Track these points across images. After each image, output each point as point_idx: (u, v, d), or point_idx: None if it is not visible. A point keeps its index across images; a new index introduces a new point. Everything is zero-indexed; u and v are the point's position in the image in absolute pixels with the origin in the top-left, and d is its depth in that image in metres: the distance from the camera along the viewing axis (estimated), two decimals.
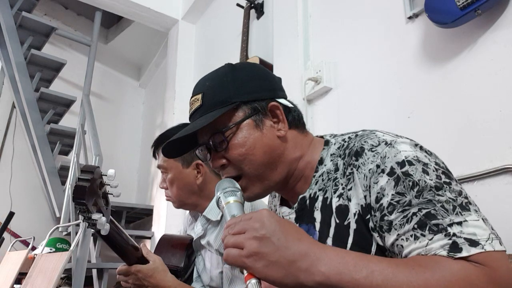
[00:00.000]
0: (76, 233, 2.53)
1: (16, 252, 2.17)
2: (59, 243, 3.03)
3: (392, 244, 0.64)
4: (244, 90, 0.80)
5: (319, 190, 0.78)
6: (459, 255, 0.57)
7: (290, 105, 0.84)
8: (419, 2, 1.49)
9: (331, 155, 0.78)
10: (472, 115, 1.29)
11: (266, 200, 1.37)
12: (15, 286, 1.96)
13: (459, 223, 0.59)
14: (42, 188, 3.74)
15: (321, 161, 0.79)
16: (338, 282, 0.56)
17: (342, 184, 0.73)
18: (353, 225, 0.70)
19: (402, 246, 0.62)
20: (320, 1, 2.06)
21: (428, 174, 0.64)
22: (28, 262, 2.00)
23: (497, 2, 1.22)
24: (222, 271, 1.23)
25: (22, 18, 3.56)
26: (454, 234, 0.58)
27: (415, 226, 0.61)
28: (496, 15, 1.26)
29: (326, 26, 1.99)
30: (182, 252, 1.38)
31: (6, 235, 2.54)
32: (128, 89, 4.84)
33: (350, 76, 1.78)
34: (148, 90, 4.86)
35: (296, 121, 0.84)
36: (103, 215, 0.88)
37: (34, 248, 2.73)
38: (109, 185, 0.93)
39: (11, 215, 2.17)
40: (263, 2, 2.59)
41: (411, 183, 0.64)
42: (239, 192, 0.73)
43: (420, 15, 1.51)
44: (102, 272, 2.77)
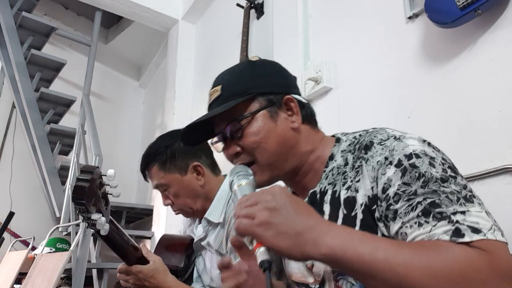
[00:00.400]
0: (76, 233, 2.53)
1: (16, 252, 2.17)
2: (59, 243, 3.03)
3: (397, 232, 0.65)
4: (261, 83, 0.85)
5: (329, 184, 0.80)
6: (461, 240, 0.57)
7: (304, 101, 0.88)
8: (419, 2, 1.49)
9: (342, 152, 0.81)
10: (472, 115, 1.29)
11: None
12: (15, 286, 1.96)
13: (463, 212, 0.60)
14: (42, 188, 3.74)
15: (331, 156, 0.82)
16: (343, 255, 0.57)
17: (351, 177, 0.76)
18: (359, 215, 0.72)
19: (406, 234, 0.64)
20: (320, 1, 2.06)
21: (434, 167, 0.66)
22: (28, 262, 2.00)
23: (497, 2, 1.22)
24: None
25: (22, 18, 3.55)
26: (457, 221, 0.59)
27: (420, 213, 0.62)
28: (496, 15, 1.26)
29: (326, 26, 1.99)
30: (182, 252, 1.38)
31: (6, 235, 2.54)
32: (128, 89, 4.84)
33: (350, 76, 1.78)
34: (148, 90, 4.86)
35: (309, 116, 0.88)
36: (103, 215, 0.88)
37: (34, 248, 2.73)
38: (108, 185, 0.93)
39: (11, 215, 2.17)
40: (263, 2, 2.58)
41: (417, 174, 0.65)
42: (251, 177, 0.77)
43: (420, 15, 1.50)
44: (102, 272, 2.77)
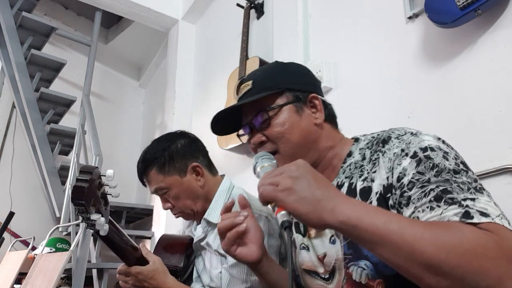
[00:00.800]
0: (76, 233, 2.53)
1: (16, 252, 2.17)
2: (59, 243, 3.03)
3: (409, 217, 0.68)
4: (290, 80, 0.93)
5: (346, 177, 0.85)
6: (470, 221, 0.60)
7: (328, 102, 0.96)
8: (419, 2, 1.49)
9: (360, 149, 0.86)
10: (472, 115, 1.28)
11: None
12: (15, 286, 1.96)
13: (472, 199, 0.63)
14: (42, 188, 3.74)
15: (349, 153, 0.87)
16: (358, 223, 0.60)
17: (368, 170, 0.80)
18: (374, 203, 0.76)
19: (418, 218, 0.66)
20: (320, 1, 2.06)
21: (447, 160, 0.70)
22: (28, 262, 2.00)
23: (497, 2, 1.22)
24: (221, 271, 1.23)
25: (22, 18, 3.55)
26: (467, 206, 0.62)
27: (432, 199, 0.65)
28: (496, 15, 1.26)
29: (326, 26, 1.99)
30: (182, 252, 1.38)
31: (6, 235, 2.54)
32: (128, 89, 4.84)
33: (350, 76, 1.78)
34: (148, 90, 4.86)
35: (330, 117, 0.95)
36: (102, 216, 0.88)
37: (34, 248, 2.73)
38: (108, 185, 0.92)
39: (11, 215, 2.17)
40: (263, 2, 2.58)
41: (431, 165, 0.69)
42: (274, 161, 0.82)
43: (420, 15, 1.50)
44: (102, 272, 2.77)
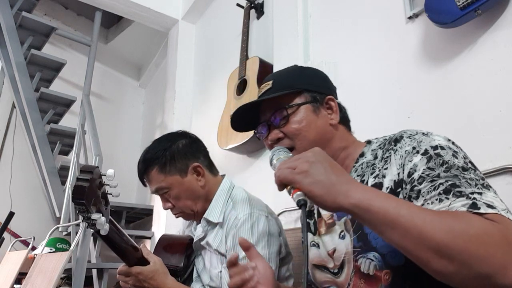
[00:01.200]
0: (76, 233, 2.53)
1: (16, 252, 2.17)
2: (59, 243, 3.03)
3: None
4: (308, 81, 0.97)
5: (357, 176, 0.87)
6: (477, 211, 0.63)
7: (343, 105, 1.00)
8: (419, 2, 1.49)
9: (372, 150, 0.89)
10: (472, 115, 1.29)
11: (264, 199, 1.37)
12: (15, 286, 1.96)
13: (480, 193, 0.66)
14: (42, 188, 3.74)
15: (362, 154, 0.90)
16: (370, 206, 0.63)
17: (379, 167, 0.83)
18: None
19: None
20: (320, 1, 2.06)
21: (457, 158, 0.73)
22: (28, 262, 2.00)
23: (497, 2, 1.22)
24: (221, 271, 1.23)
25: (22, 18, 3.55)
26: (474, 198, 0.65)
27: (441, 192, 0.68)
28: (496, 15, 1.26)
29: (326, 26, 1.99)
30: (182, 252, 1.38)
31: (6, 235, 2.54)
32: (128, 89, 4.84)
33: (350, 76, 1.78)
34: (148, 90, 4.86)
35: (345, 119, 0.99)
36: (103, 215, 0.88)
37: (34, 248, 2.73)
38: (108, 185, 0.92)
39: (11, 215, 2.17)
40: (263, 2, 2.58)
41: (441, 161, 0.73)
42: (290, 154, 0.84)
43: (420, 15, 1.50)
44: (102, 272, 2.77)
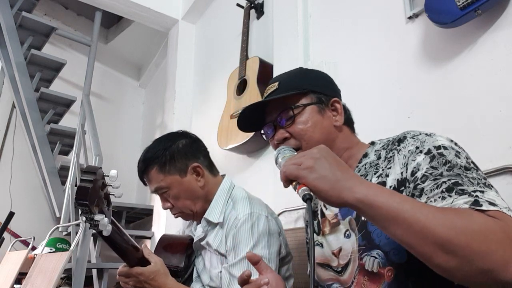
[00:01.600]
0: (76, 233, 2.52)
1: (16, 252, 2.17)
2: (59, 243, 3.03)
3: None
4: (314, 83, 0.99)
5: (361, 175, 0.87)
6: (479, 208, 0.64)
7: (347, 107, 1.02)
8: (419, 2, 1.49)
9: (375, 151, 0.90)
10: (472, 115, 1.29)
11: (264, 199, 1.38)
12: (15, 286, 1.96)
13: (482, 192, 0.67)
14: (42, 188, 3.74)
15: (365, 154, 0.92)
16: (374, 201, 0.63)
17: (382, 167, 0.84)
18: None
19: None
20: (320, 1, 2.06)
21: (459, 158, 0.75)
22: (28, 262, 2.00)
23: (497, 2, 1.22)
24: (221, 271, 1.23)
25: (22, 18, 3.55)
26: (476, 196, 0.66)
27: (444, 190, 0.69)
28: (496, 15, 1.26)
29: (326, 26, 1.99)
30: (182, 252, 1.38)
31: (6, 235, 2.54)
32: (128, 89, 4.84)
33: (350, 76, 1.78)
34: (148, 90, 4.86)
35: (349, 121, 1.01)
36: (105, 216, 0.88)
37: (34, 248, 2.73)
38: (111, 185, 0.92)
39: (11, 215, 2.18)
40: (263, 2, 2.59)
41: (444, 161, 0.74)
42: (295, 152, 0.86)
43: (420, 15, 1.51)
44: (102, 272, 2.77)
